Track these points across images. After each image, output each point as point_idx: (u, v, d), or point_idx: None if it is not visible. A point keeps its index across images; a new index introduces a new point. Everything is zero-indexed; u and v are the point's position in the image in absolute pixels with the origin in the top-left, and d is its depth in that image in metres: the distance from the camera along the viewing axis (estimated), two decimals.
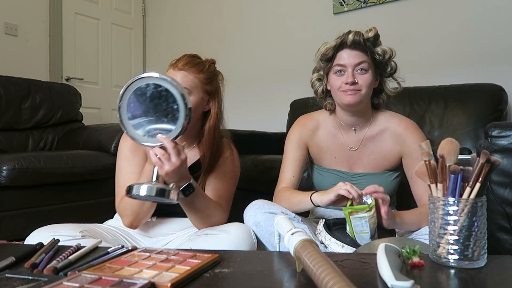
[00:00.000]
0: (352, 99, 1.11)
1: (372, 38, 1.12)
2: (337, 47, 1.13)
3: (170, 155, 0.90)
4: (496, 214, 1.19)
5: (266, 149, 2.31)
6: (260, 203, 1.14)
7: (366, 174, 1.19)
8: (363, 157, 1.21)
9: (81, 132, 2.56)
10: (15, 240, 1.33)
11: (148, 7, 3.81)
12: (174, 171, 0.91)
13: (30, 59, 2.97)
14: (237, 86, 3.05)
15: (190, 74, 1.11)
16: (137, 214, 1.11)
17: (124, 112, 0.90)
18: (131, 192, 0.88)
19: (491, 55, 2.02)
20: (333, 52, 1.13)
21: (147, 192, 0.87)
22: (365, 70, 1.11)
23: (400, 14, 2.32)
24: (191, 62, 1.13)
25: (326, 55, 1.14)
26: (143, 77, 0.89)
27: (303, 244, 0.68)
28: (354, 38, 1.09)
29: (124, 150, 1.17)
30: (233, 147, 1.27)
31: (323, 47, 1.15)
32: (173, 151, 0.90)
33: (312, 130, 1.26)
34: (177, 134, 0.90)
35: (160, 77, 0.88)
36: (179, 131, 0.89)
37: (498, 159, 0.75)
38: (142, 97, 0.89)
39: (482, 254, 0.74)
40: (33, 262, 0.75)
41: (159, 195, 0.87)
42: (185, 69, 1.11)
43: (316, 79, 1.23)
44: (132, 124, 0.91)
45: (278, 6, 2.90)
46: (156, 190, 0.87)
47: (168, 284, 0.62)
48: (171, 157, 0.90)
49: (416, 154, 1.15)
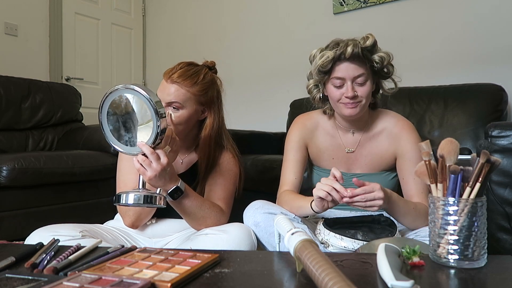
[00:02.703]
0: (353, 111, 1.11)
1: (370, 46, 1.09)
2: (335, 59, 1.10)
3: (151, 160, 0.91)
4: (496, 214, 1.19)
5: (266, 149, 2.31)
6: (260, 203, 1.14)
7: (364, 175, 1.19)
8: (361, 158, 1.21)
9: (81, 132, 2.56)
10: (15, 240, 1.33)
11: (148, 7, 3.81)
12: (156, 176, 0.92)
13: (30, 59, 2.97)
14: (237, 86, 3.05)
15: (182, 88, 1.09)
16: (139, 214, 1.12)
17: (106, 125, 0.92)
18: (119, 201, 0.90)
19: (491, 55, 2.02)
20: (331, 64, 1.11)
21: (134, 201, 0.89)
22: (364, 81, 1.10)
23: (400, 14, 2.32)
24: (185, 74, 1.11)
25: (324, 68, 1.11)
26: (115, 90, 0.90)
27: (303, 244, 0.68)
28: (354, 51, 1.06)
29: None
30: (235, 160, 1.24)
31: (319, 58, 1.11)
32: (152, 157, 0.90)
33: (312, 130, 1.26)
34: (152, 140, 0.90)
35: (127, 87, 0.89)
36: (153, 138, 0.90)
37: (498, 159, 0.75)
38: (118, 108, 0.91)
39: (482, 254, 0.74)
40: (33, 262, 0.75)
41: (146, 202, 0.90)
42: (178, 82, 1.09)
43: (313, 86, 1.22)
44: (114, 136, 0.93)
45: (278, 6, 2.90)
46: (143, 197, 0.90)
47: (168, 284, 0.62)
48: (152, 163, 0.91)
49: (409, 155, 1.15)
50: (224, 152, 1.23)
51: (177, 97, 1.09)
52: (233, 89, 3.13)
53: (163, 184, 0.96)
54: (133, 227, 1.15)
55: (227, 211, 1.18)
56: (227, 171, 1.21)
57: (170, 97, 1.08)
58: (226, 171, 1.21)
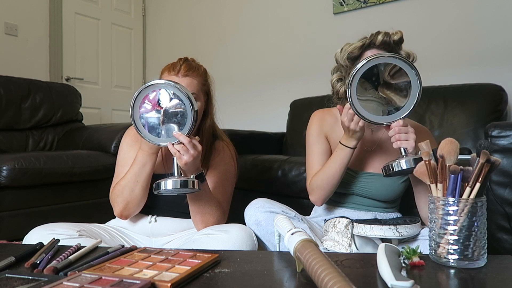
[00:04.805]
0: None
1: (398, 40, 1.11)
2: (365, 47, 1.12)
3: (188, 147, 0.97)
4: (496, 214, 1.19)
5: (266, 149, 2.31)
6: (261, 202, 1.14)
7: (375, 175, 1.18)
8: (376, 158, 1.19)
9: (81, 132, 2.56)
10: (15, 240, 1.33)
11: (148, 7, 3.81)
12: (191, 162, 0.99)
13: (30, 59, 2.97)
14: (237, 86, 3.05)
15: (194, 79, 1.16)
16: (127, 202, 1.12)
17: (137, 119, 1.00)
18: (159, 188, 0.97)
19: (491, 55, 2.02)
20: (360, 51, 1.12)
21: (173, 186, 0.96)
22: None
23: (400, 14, 2.32)
24: (191, 67, 1.16)
25: (353, 54, 1.13)
26: (150, 85, 0.98)
27: (303, 244, 0.68)
28: (384, 38, 1.09)
29: (123, 144, 1.25)
30: (229, 145, 1.29)
31: (348, 46, 1.14)
32: (189, 145, 0.98)
33: (331, 124, 1.23)
34: (188, 129, 0.99)
35: (166, 83, 0.98)
36: (189, 127, 0.98)
37: (498, 159, 0.75)
38: (151, 103, 0.99)
39: (482, 254, 0.74)
40: (33, 262, 0.76)
41: (184, 186, 0.97)
42: (189, 74, 1.15)
43: (337, 80, 1.21)
44: (147, 129, 1.00)
45: (278, 6, 2.90)
46: (180, 182, 0.96)
47: (168, 284, 0.62)
48: (188, 149, 0.97)
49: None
50: (219, 141, 1.27)
51: (193, 88, 1.14)
52: (233, 89, 3.14)
53: (196, 169, 1.03)
54: (122, 217, 1.16)
55: (226, 212, 1.20)
56: (224, 172, 1.22)
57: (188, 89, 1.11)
58: (224, 172, 1.22)
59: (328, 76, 1.25)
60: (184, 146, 0.97)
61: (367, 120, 0.99)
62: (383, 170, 1.00)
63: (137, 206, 1.15)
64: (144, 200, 1.15)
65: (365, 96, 0.99)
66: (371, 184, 1.16)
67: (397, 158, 0.97)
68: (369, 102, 0.99)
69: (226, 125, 1.46)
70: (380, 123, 1.00)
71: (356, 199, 1.19)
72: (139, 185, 1.11)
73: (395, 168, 0.96)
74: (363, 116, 0.98)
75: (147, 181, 1.12)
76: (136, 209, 1.16)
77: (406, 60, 0.97)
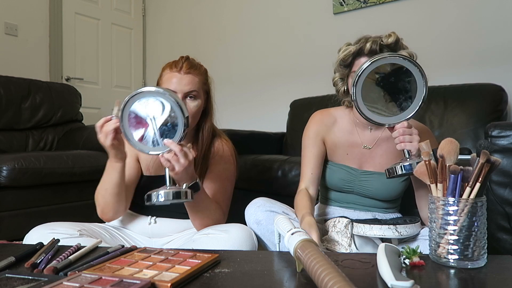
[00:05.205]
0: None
1: (393, 43, 1.10)
2: (355, 54, 1.12)
3: (178, 157, 0.94)
4: (496, 214, 1.19)
5: (266, 149, 2.31)
6: (261, 201, 1.14)
7: (375, 173, 1.18)
8: (376, 157, 1.20)
9: (81, 132, 2.56)
10: (15, 240, 1.33)
11: (148, 7, 3.81)
12: (183, 171, 0.96)
13: (30, 59, 2.97)
14: (237, 86, 3.05)
15: (196, 76, 1.14)
16: (101, 207, 1.11)
17: (126, 128, 0.96)
18: (150, 200, 0.93)
19: (491, 55, 2.02)
20: (352, 58, 1.13)
21: (165, 198, 0.93)
22: None
23: (400, 14, 2.32)
24: (193, 65, 1.16)
25: (345, 61, 1.14)
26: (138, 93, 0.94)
27: (303, 244, 0.68)
28: (372, 47, 1.08)
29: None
30: (228, 143, 1.28)
31: (342, 52, 1.14)
32: (180, 154, 0.94)
33: (329, 126, 1.24)
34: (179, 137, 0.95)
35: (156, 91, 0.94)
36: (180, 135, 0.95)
37: (498, 159, 0.75)
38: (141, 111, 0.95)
39: (482, 254, 0.74)
40: (33, 262, 0.76)
41: (176, 197, 0.94)
42: (191, 72, 1.14)
43: (339, 79, 1.22)
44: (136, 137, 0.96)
45: (278, 6, 2.90)
46: (172, 193, 0.93)
47: (168, 284, 0.62)
48: (179, 159, 0.94)
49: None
50: (218, 139, 1.26)
51: (195, 86, 1.13)
52: (233, 89, 3.14)
53: (189, 178, 1.00)
54: (104, 218, 1.13)
55: (226, 212, 1.20)
56: (224, 171, 1.22)
57: (189, 86, 1.12)
58: (223, 171, 1.22)
59: (328, 76, 1.25)
60: (175, 155, 0.94)
61: (371, 121, 0.99)
62: (386, 173, 1.00)
63: (115, 211, 1.12)
64: (123, 205, 1.13)
65: (370, 97, 0.98)
66: (371, 182, 1.16)
67: (401, 161, 0.96)
68: (374, 103, 0.99)
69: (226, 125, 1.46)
70: (385, 124, 1.00)
71: (356, 199, 1.19)
72: (108, 193, 1.07)
73: (399, 171, 0.95)
74: (368, 117, 0.98)
75: (117, 189, 1.07)
76: (114, 213, 1.13)
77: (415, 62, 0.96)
